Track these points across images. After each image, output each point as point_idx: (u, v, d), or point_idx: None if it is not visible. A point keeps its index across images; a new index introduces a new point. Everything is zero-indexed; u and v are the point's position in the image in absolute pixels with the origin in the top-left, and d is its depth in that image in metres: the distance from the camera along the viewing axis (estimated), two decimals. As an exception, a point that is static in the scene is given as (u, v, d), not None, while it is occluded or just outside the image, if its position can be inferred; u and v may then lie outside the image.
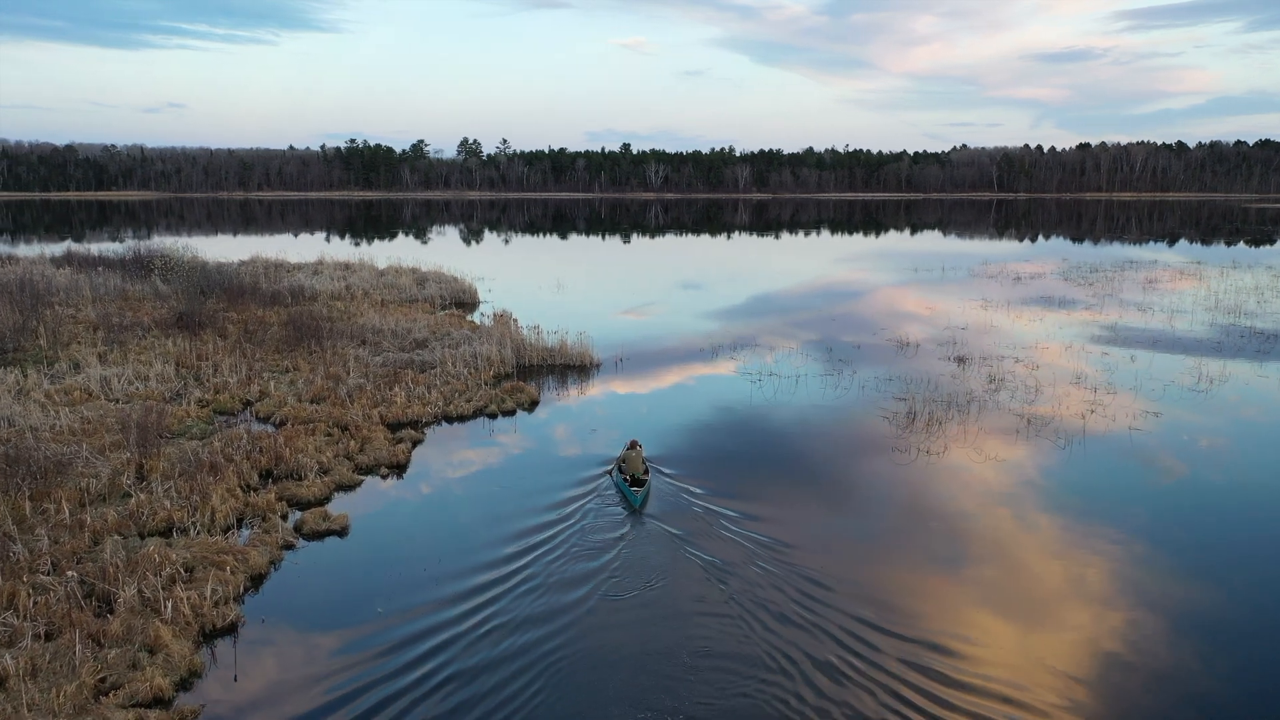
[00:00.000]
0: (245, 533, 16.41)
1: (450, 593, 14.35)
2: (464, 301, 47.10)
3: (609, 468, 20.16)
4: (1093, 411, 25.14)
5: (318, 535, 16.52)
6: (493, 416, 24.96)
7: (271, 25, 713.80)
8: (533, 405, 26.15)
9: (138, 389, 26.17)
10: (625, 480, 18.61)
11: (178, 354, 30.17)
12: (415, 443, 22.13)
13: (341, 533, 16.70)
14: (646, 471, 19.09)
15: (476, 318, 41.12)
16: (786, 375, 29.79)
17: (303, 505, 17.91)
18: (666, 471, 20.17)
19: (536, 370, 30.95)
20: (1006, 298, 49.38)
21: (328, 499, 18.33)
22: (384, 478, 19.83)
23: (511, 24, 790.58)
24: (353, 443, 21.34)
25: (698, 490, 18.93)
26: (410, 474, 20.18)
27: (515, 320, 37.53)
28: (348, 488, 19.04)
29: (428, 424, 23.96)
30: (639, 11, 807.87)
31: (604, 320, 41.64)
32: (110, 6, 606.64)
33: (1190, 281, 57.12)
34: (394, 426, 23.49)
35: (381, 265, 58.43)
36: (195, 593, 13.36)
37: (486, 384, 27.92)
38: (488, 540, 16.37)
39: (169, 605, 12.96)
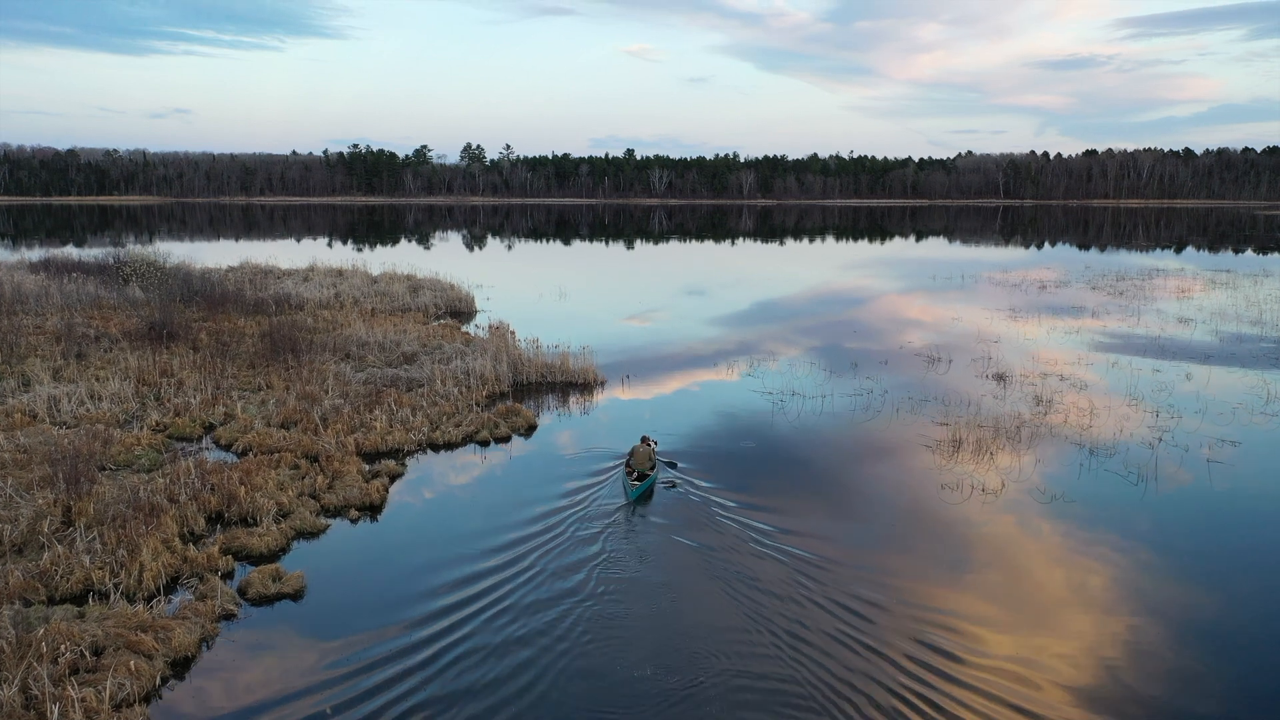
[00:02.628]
0: (178, 597, 13.61)
1: (419, 675, 11.56)
2: (460, 310, 44.37)
3: (620, 462, 20.25)
4: (1160, 440, 22.30)
5: (265, 600, 13.70)
6: (484, 444, 22.15)
7: (278, 32, 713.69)
8: (529, 430, 23.35)
9: (88, 410, 23.44)
10: (630, 475, 18.66)
11: (140, 369, 27.43)
12: (394, 477, 19.32)
13: (295, 596, 13.88)
14: (653, 467, 19.00)
15: (472, 328, 38.41)
16: (811, 395, 26.98)
17: (253, 559, 15.11)
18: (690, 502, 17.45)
19: (535, 388, 28.17)
20: (1035, 308, 46.54)
21: (284, 551, 15.53)
22: (353, 521, 17.02)
23: (518, 31, 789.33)
24: (321, 478, 18.54)
25: (730, 539, 16.14)
26: (384, 517, 17.37)
27: (513, 332, 34.73)
28: (309, 535, 16.24)
29: (410, 453, 21.16)
30: (645, 19, 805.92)
31: (608, 331, 38.88)
32: (119, 13, 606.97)
33: (1224, 291, 54.23)
34: (371, 456, 20.73)
35: (376, 271, 55.66)
36: (94, 690, 10.57)
37: (478, 405, 25.15)
38: (463, 600, 13.62)
39: (56, 710, 10.17)
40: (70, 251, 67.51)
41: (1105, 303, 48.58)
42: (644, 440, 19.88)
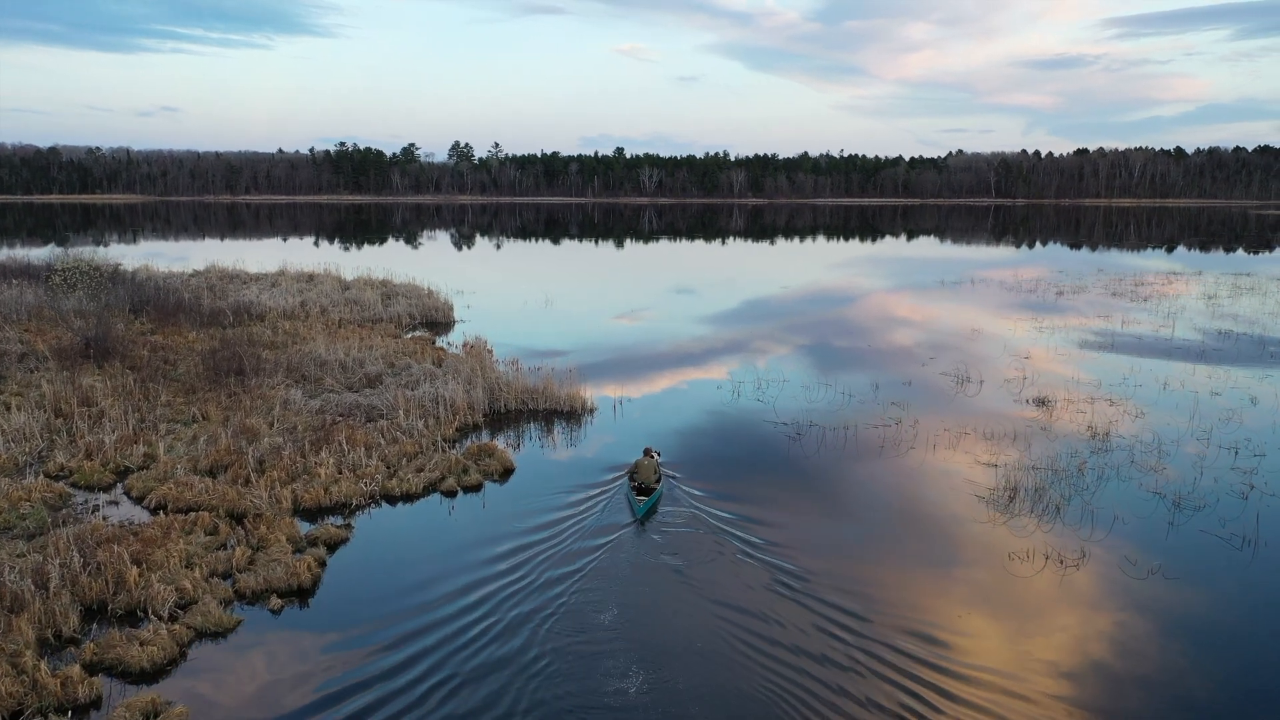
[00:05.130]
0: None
1: None
2: (436, 321, 40.70)
3: (622, 473, 19.28)
4: (1252, 488, 18.89)
5: (132, 750, 10.11)
6: (450, 494, 18.53)
7: (266, 30, 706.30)
8: (505, 474, 19.73)
9: (-20, 452, 19.76)
10: (634, 489, 17.75)
11: (57, 397, 23.70)
12: (333, 545, 15.69)
13: (175, 742, 10.29)
14: (658, 480, 18.06)
15: (449, 340, 34.78)
16: (832, 426, 23.49)
17: (131, 676, 11.50)
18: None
19: (514, 417, 24.62)
20: (1058, 318, 43.18)
21: (174, 663, 11.86)
22: (275, 612, 13.38)
23: (508, 30, 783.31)
24: (240, 549, 14.92)
25: (761, 593, 12.66)
26: (315, 604, 13.72)
27: (490, 350, 31.12)
28: (213, 635, 12.59)
29: (359, 508, 17.54)
30: (636, 18, 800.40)
31: (599, 344, 35.25)
32: (107, 11, 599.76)
33: (1255, 298, 51.00)
34: (311, 513, 17.14)
35: (350, 276, 51.99)
36: None
37: (446, 442, 21.56)
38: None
39: None
40: (26, 253, 63.37)
41: (1131, 310, 45.25)
42: (647, 452, 18.63)
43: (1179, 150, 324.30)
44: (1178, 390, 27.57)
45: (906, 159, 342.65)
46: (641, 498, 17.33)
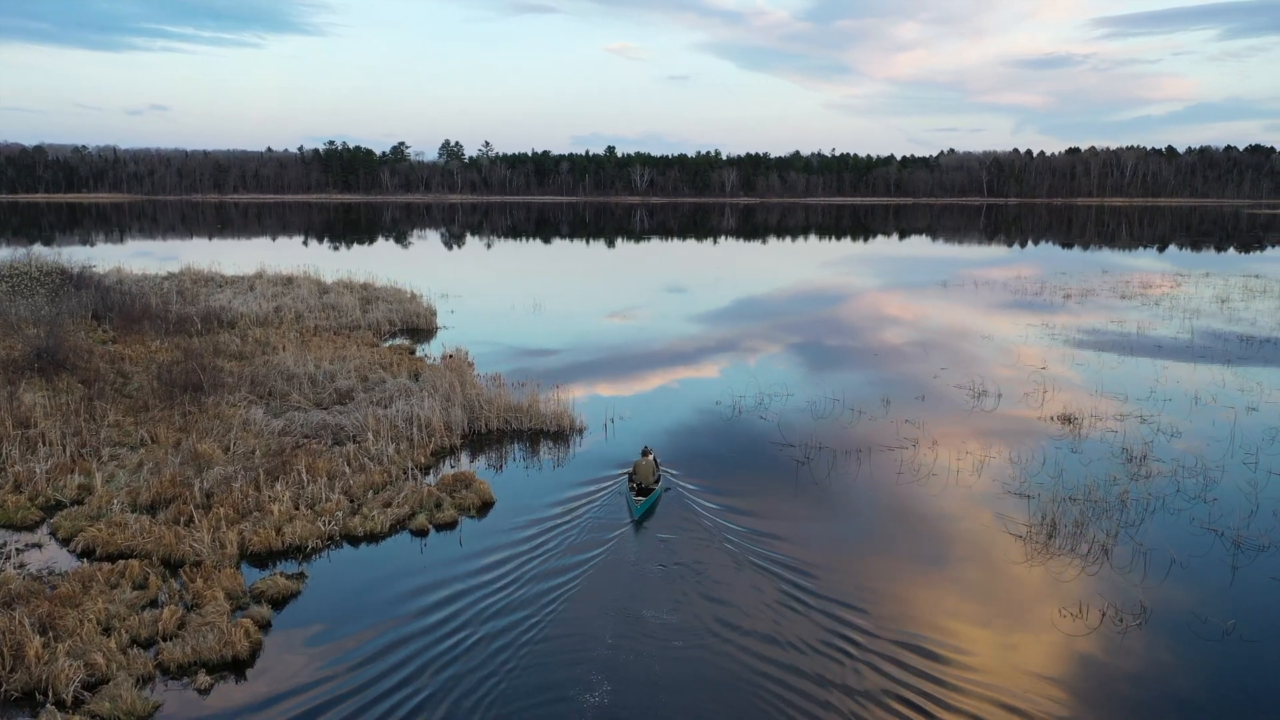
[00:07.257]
0: None
1: None
2: (418, 327, 38.58)
3: (622, 473, 19.12)
4: (1317, 521, 17.02)
5: None
6: (420, 533, 16.44)
7: (258, 29, 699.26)
8: (483, 508, 17.65)
9: (-107, 485, 17.60)
10: (633, 489, 17.59)
11: (-8, 418, 21.52)
12: (280, 600, 13.58)
13: None
14: (657, 480, 17.93)
15: (431, 348, 32.70)
16: (842, 449, 21.49)
17: (14, 787, 9.46)
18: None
19: (495, 438, 22.55)
20: (1069, 321, 41.32)
21: (69, 767, 9.85)
22: (202, 693, 11.27)
23: (499, 29, 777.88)
24: (171, 608, 12.81)
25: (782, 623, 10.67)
26: (252, 680, 11.58)
27: (472, 363, 28.99)
28: (124, 726, 10.55)
29: (315, 552, 15.45)
30: (627, 17, 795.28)
31: (589, 348, 33.18)
32: (97, 9, 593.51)
33: (1269, 300, 49.23)
34: (260, 558, 15.06)
35: (331, 278, 49.80)
36: None
37: (419, 468, 19.50)
38: None
39: None
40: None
41: (1144, 314, 43.40)
42: (645, 452, 18.35)
43: (1170, 149, 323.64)
44: (1210, 405, 25.69)
45: (898, 158, 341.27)
46: (640, 498, 17.24)
